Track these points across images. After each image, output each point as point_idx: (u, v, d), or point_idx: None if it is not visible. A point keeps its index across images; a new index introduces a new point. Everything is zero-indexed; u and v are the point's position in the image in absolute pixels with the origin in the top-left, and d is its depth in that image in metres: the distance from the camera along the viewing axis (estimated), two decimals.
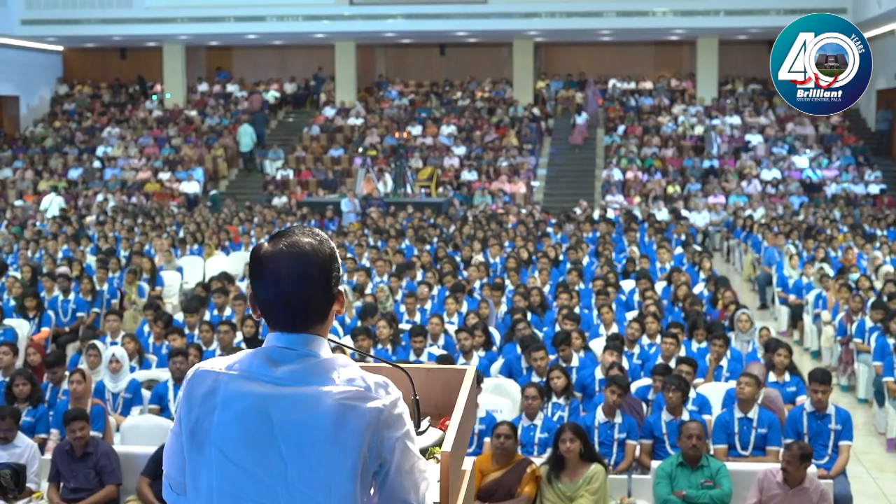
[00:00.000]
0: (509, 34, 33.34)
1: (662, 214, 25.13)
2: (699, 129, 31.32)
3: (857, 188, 27.92)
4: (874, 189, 27.86)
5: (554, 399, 9.57)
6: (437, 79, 36.49)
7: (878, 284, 15.29)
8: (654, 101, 33.67)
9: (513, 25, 32.12)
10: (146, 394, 10.06)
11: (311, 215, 24.50)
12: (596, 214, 24.42)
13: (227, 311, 13.41)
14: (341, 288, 2.74)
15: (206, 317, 13.03)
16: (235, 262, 19.08)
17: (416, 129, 32.16)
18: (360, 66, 35.26)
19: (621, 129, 31.93)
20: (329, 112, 34.11)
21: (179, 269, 17.86)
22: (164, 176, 30.30)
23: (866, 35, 24.52)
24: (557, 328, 12.25)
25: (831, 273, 16.14)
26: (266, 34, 33.71)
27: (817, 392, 8.71)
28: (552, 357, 10.58)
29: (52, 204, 27.29)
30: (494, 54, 36.29)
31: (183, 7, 32.42)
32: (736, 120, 31.78)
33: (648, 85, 34.91)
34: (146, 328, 12.56)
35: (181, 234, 21.16)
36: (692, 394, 9.34)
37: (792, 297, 16.03)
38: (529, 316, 12.53)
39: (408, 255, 18.09)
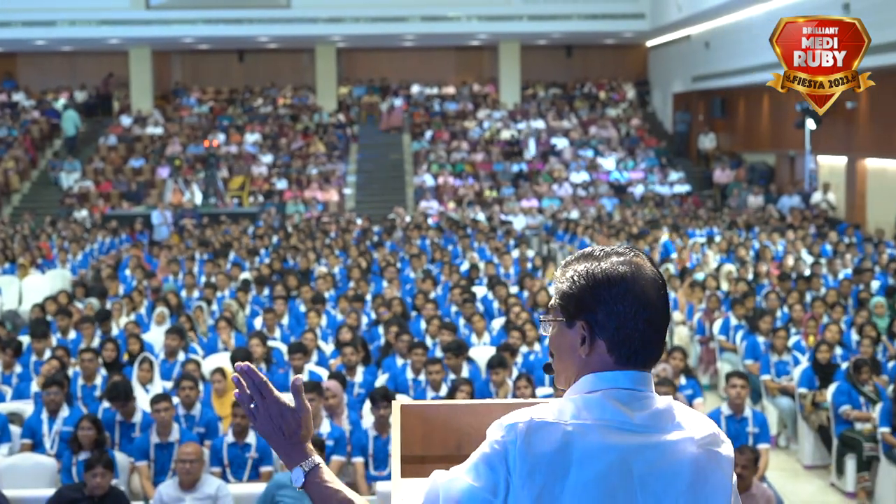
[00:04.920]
0: (312, 39, 32.84)
1: (479, 219, 25.12)
2: (506, 134, 31.53)
3: (662, 189, 28.63)
4: (680, 189, 28.63)
5: None
6: (237, 85, 35.61)
7: (724, 284, 15.57)
8: (458, 105, 33.74)
9: (317, 30, 31.64)
10: (13, 429, 9.19)
11: (121, 229, 23.42)
12: (410, 220, 24.26)
13: (72, 335, 12.52)
14: None
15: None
16: (53, 281, 17.96)
17: (220, 138, 31.26)
18: (156, 72, 34.05)
19: (428, 134, 31.84)
20: (126, 121, 32.78)
21: None
22: None
23: (663, 39, 25.25)
24: (428, 338, 11.94)
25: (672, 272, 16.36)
26: (56, 40, 32.12)
27: (735, 387, 8.68)
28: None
29: None
30: (295, 60, 35.68)
31: None
32: (540, 124, 32.15)
33: (451, 90, 34.97)
34: None
35: None
36: None
37: None
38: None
39: (242, 268, 17.40)
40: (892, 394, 9.61)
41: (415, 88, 35.04)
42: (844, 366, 10.72)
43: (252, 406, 2.44)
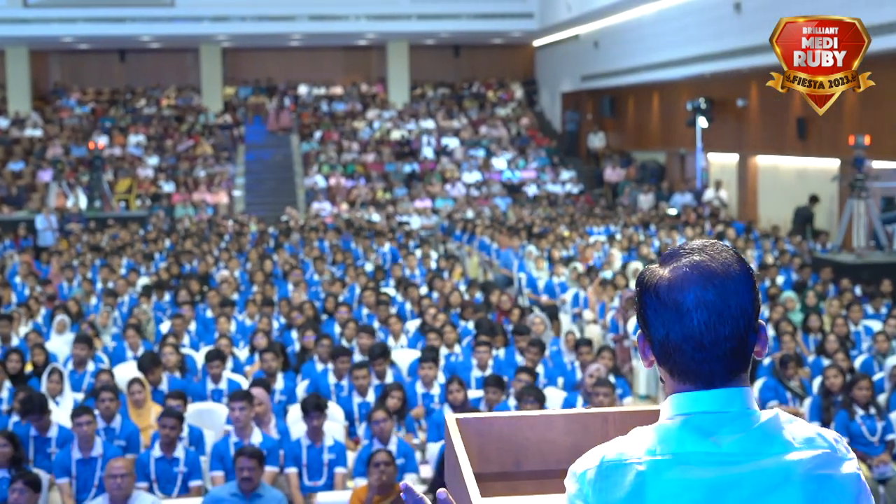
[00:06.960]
0: (197, 39, 32.20)
1: (374, 220, 24.88)
2: (396, 134, 31.32)
3: (554, 188, 28.71)
4: (572, 188, 28.74)
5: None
6: (118, 86, 34.73)
7: (632, 282, 15.56)
8: (347, 106, 33.42)
9: (201, 30, 31.02)
10: None
11: (3, 234, 22.59)
12: (303, 222, 23.93)
13: None
14: (761, 320, 2.02)
15: None
16: None
17: (103, 139, 30.42)
18: (33, 73, 33.01)
19: (318, 134, 31.46)
20: (2, 123, 31.69)
21: None
22: None
23: (552, 39, 25.18)
24: (343, 342, 11.67)
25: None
26: None
27: None
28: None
29: None
30: (179, 60, 34.93)
31: None
32: (430, 124, 32.01)
33: (339, 90, 34.63)
34: None
35: None
36: None
37: (544, 298, 16.04)
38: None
39: (139, 273, 16.87)
40: (819, 388, 9.64)
41: (302, 89, 34.62)
42: (766, 361, 10.74)
43: None
